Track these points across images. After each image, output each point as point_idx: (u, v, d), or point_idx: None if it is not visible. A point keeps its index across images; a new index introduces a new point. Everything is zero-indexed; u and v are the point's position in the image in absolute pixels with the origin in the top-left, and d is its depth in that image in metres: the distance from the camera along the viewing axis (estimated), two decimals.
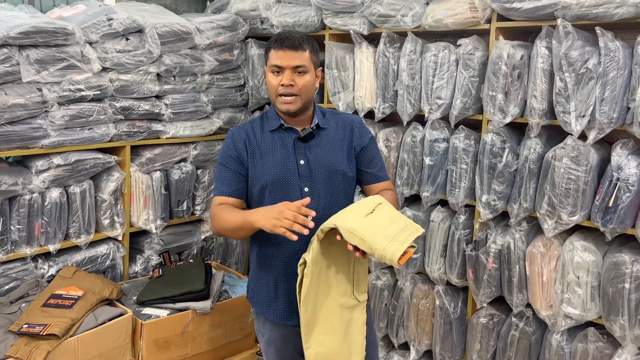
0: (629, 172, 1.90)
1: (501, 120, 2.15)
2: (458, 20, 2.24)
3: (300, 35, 1.68)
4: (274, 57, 1.65)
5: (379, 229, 1.48)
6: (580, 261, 2.03)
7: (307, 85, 1.66)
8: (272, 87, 1.67)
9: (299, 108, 1.68)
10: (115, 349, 2.19)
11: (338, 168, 1.72)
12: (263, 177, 1.71)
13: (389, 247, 1.44)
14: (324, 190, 1.70)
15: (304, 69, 1.65)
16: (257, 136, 1.75)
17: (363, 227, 1.48)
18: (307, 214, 1.48)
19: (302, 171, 1.70)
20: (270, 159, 1.71)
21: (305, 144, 1.72)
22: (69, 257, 2.46)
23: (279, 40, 1.65)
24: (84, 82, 2.35)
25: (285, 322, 1.75)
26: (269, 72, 1.68)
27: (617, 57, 1.89)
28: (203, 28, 2.75)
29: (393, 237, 1.47)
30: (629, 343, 1.98)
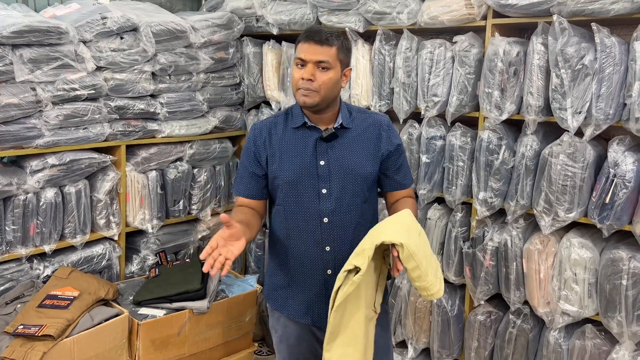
0: (625, 169, 1.90)
1: (497, 117, 2.14)
2: (454, 17, 2.23)
3: (331, 31, 1.63)
4: (299, 49, 1.61)
5: (428, 260, 1.49)
6: (577, 258, 2.03)
7: (328, 82, 1.60)
8: (293, 80, 1.64)
9: (317, 103, 1.62)
10: (111, 349, 2.19)
11: (359, 170, 1.67)
12: (281, 176, 1.67)
13: (436, 284, 1.47)
14: (343, 193, 1.65)
15: (327, 65, 1.59)
16: (279, 133, 1.71)
17: (420, 254, 1.46)
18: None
19: (321, 172, 1.65)
20: (290, 158, 1.67)
21: (328, 143, 1.67)
22: (64, 257, 2.45)
23: (307, 33, 1.62)
24: (78, 81, 2.34)
25: (299, 319, 1.73)
26: (294, 64, 1.65)
27: (613, 53, 1.88)
28: (198, 26, 2.73)
29: (435, 272, 1.49)
30: (626, 339, 1.98)
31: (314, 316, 1.72)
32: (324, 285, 1.70)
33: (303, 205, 1.65)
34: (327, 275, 1.69)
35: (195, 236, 2.94)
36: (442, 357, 2.46)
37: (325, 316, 1.65)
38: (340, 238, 1.67)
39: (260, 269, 3.21)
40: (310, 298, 1.69)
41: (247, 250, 3.27)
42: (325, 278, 1.69)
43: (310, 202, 1.65)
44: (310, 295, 1.70)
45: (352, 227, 1.68)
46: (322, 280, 1.70)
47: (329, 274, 1.69)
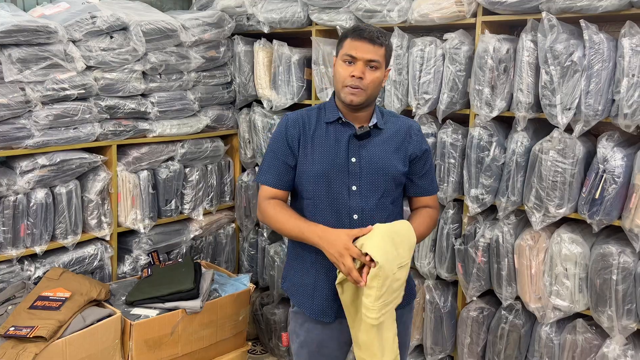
0: (614, 164, 1.92)
1: (488, 114, 2.15)
2: (444, 15, 2.23)
3: (379, 30, 1.62)
4: (349, 46, 1.60)
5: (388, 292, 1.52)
6: (568, 253, 2.05)
7: (375, 81, 1.61)
8: (340, 77, 1.62)
9: (363, 102, 1.63)
10: (104, 350, 2.18)
11: (389, 171, 1.67)
12: (311, 169, 1.67)
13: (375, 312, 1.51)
14: (372, 191, 1.66)
15: (377, 65, 1.59)
16: (312, 126, 1.70)
17: (387, 283, 1.49)
18: (365, 262, 1.49)
19: (352, 169, 1.66)
20: (321, 152, 1.67)
21: (360, 142, 1.67)
22: (55, 258, 2.44)
23: (357, 30, 1.60)
24: (67, 81, 2.32)
25: (322, 318, 1.72)
26: (339, 60, 1.63)
27: (601, 50, 1.90)
28: (189, 25, 2.73)
29: (386, 304, 1.53)
30: (616, 334, 2.00)
31: (337, 313, 1.71)
32: None
33: (333, 200, 1.66)
34: None
35: (187, 236, 2.93)
36: (435, 353, 2.47)
37: None
38: None
39: (253, 267, 3.21)
40: (335, 294, 1.69)
41: (240, 249, 3.26)
42: None
43: (340, 198, 1.65)
44: (332, 294, 1.69)
45: None
46: None
47: None
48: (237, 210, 3.17)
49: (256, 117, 2.95)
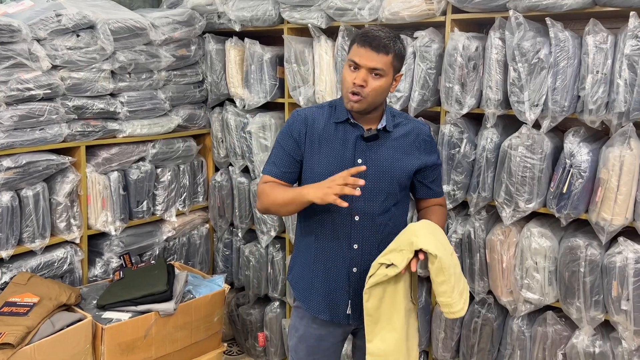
0: (581, 159, 1.96)
1: (458, 111, 2.18)
2: (414, 13, 2.25)
3: (389, 35, 1.58)
4: (354, 52, 1.59)
5: (457, 279, 1.56)
6: (537, 247, 2.08)
7: (378, 89, 1.59)
8: (345, 82, 1.61)
9: (363, 109, 1.62)
10: (75, 355, 2.13)
11: (394, 174, 1.67)
12: (317, 168, 1.67)
13: (459, 304, 1.54)
14: (375, 193, 1.66)
15: (381, 73, 1.58)
16: (320, 123, 1.70)
17: (450, 271, 1.52)
18: (355, 183, 1.47)
19: None
20: (328, 151, 1.68)
21: (367, 143, 1.67)
22: (23, 262, 2.38)
23: (364, 36, 1.58)
24: (32, 80, 2.26)
25: (319, 315, 1.74)
26: (346, 65, 1.62)
27: (567, 47, 1.94)
28: (158, 23, 2.69)
29: (461, 292, 1.56)
30: (585, 324, 2.05)
31: (332, 312, 1.73)
32: (348, 282, 1.72)
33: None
34: (352, 273, 1.71)
35: (160, 237, 2.89)
36: None
37: (344, 313, 1.73)
38: (369, 238, 1.69)
39: (228, 268, 3.18)
40: (333, 293, 1.70)
41: (215, 249, 3.23)
42: (350, 275, 1.71)
43: (343, 198, 1.62)
44: (333, 291, 1.70)
45: (382, 228, 1.70)
46: (347, 277, 1.71)
47: (354, 272, 1.71)
48: (211, 211, 3.14)
49: (229, 116, 2.93)
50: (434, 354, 2.47)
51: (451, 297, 1.50)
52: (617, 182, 1.90)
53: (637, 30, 1.82)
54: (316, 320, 1.77)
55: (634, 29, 1.82)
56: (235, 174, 3.00)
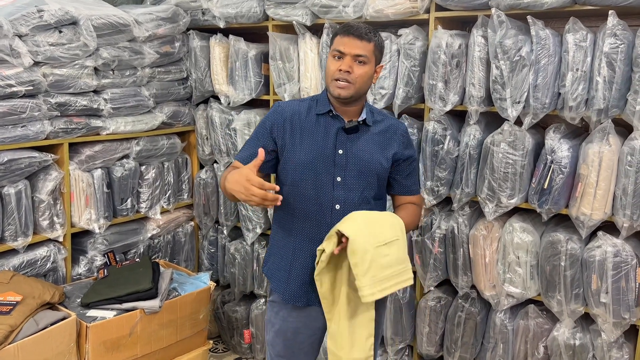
0: (561, 155, 2.00)
1: (442, 108, 2.20)
2: (398, 11, 2.27)
3: (369, 27, 1.67)
4: (338, 42, 1.65)
5: (376, 267, 1.54)
6: (519, 242, 2.12)
7: (363, 76, 1.65)
8: (329, 71, 1.67)
9: (351, 95, 1.66)
10: (59, 354, 2.11)
11: (374, 166, 1.71)
12: (299, 158, 1.71)
13: (366, 289, 1.53)
14: (356, 183, 1.70)
15: (365, 60, 1.64)
16: (302, 115, 1.74)
17: (366, 256, 1.52)
18: (272, 188, 1.48)
19: (338, 160, 1.70)
20: (309, 141, 1.71)
21: (348, 135, 1.71)
22: (5, 261, 2.35)
23: (346, 27, 1.66)
24: (14, 77, 2.23)
25: (297, 302, 1.76)
26: (329, 56, 1.68)
27: (547, 45, 1.97)
28: (142, 20, 2.67)
29: (380, 280, 1.55)
30: (566, 317, 2.09)
31: (308, 297, 1.75)
32: None
33: (318, 190, 1.70)
34: None
35: (144, 235, 2.88)
36: (396, 343, 2.52)
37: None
38: None
39: (213, 265, 3.18)
40: (311, 279, 1.71)
41: (200, 247, 3.23)
42: None
43: (324, 187, 1.70)
44: (312, 277, 1.72)
45: None
46: None
47: None
48: (196, 208, 3.13)
49: (214, 113, 2.92)
50: (418, 348, 2.50)
51: (360, 281, 1.52)
52: (597, 177, 1.95)
53: (615, 29, 1.86)
54: (292, 313, 1.79)
55: (613, 27, 1.86)
56: (220, 171, 2.99)
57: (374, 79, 1.72)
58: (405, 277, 1.61)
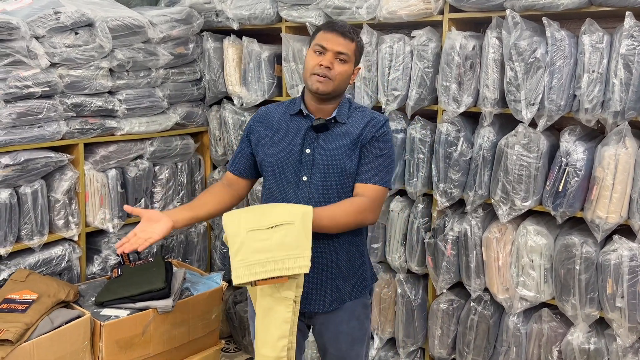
0: (576, 157, 1.98)
1: (455, 110, 2.19)
2: (412, 12, 2.26)
3: (353, 27, 1.68)
4: (320, 37, 1.66)
5: (246, 251, 1.48)
6: (533, 245, 2.10)
7: (343, 74, 1.66)
8: (309, 66, 1.66)
9: (329, 92, 1.66)
10: (73, 352, 2.14)
11: (341, 165, 1.68)
12: (267, 158, 1.74)
13: (235, 270, 1.47)
14: (321, 183, 1.69)
15: (346, 58, 1.65)
16: (276, 117, 1.77)
17: (236, 239, 1.49)
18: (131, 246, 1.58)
19: (305, 159, 1.69)
20: (279, 142, 1.73)
21: (318, 134, 1.70)
22: (21, 260, 2.38)
23: (330, 23, 1.67)
24: (31, 78, 2.26)
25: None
26: (310, 51, 1.67)
27: (563, 47, 1.95)
28: (156, 21, 2.69)
29: (251, 264, 1.47)
30: (580, 322, 2.07)
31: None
32: None
33: (283, 189, 1.70)
34: None
35: None
36: (407, 346, 2.51)
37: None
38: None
39: (225, 265, 3.19)
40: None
41: (212, 247, 3.24)
42: None
43: (289, 187, 1.70)
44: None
45: None
46: None
47: None
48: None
49: (227, 114, 2.94)
50: (430, 350, 2.48)
51: (232, 263, 1.49)
52: (613, 180, 1.92)
53: (632, 30, 1.84)
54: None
55: (630, 28, 1.84)
56: None
57: (351, 79, 1.72)
58: (293, 265, 1.48)
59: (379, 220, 2.47)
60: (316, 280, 1.70)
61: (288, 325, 1.59)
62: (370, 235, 2.50)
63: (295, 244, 1.49)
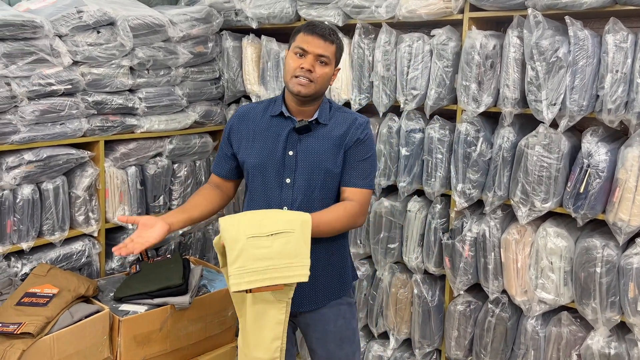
0: (598, 159, 1.94)
1: (475, 109, 2.17)
2: (431, 11, 2.25)
3: (332, 29, 1.69)
4: (301, 40, 1.65)
5: (246, 258, 1.47)
6: (553, 247, 2.07)
7: (324, 76, 1.66)
8: (289, 68, 1.66)
9: (311, 94, 1.66)
10: (92, 346, 2.17)
11: (324, 166, 1.69)
12: (248, 160, 1.74)
13: (232, 278, 1.47)
14: (305, 185, 1.69)
15: (327, 60, 1.65)
16: (257, 118, 1.77)
17: (235, 245, 1.47)
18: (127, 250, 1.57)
19: (287, 162, 1.70)
20: (259, 144, 1.73)
21: (300, 136, 1.71)
22: (43, 254, 2.42)
23: (311, 25, 1.66)
24: (54, 76, 2.30)
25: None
26: (291, 53, 1.67)
27: (586, 46, 1.92)
28: (176, 20, 2.71)
29: (250, 272, 1.47)
30: (600, 326, 2.03)
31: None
32: None
33: (266, 192, 1.71)
34: None
35: (176, 232, 2.92)
36: (423, 347, 2.50)
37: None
38: None
39: None
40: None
41: None
42: None
43: (272, 190, 1.70)
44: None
45: None
46: None
47: None
48: (226, 207, 3.16)
49: None
50: (446, 352, 2.47)
51: (229, 269, 1.47)
52: (636, 182, 1.89)
53: None
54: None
55: None
56: None
57: (331, 80, 1.72)
58: (293, 273, 1.49)
59: (395, 220, 2.46)
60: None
61: (281, 327, 1.62)
62: (387, 235, 2.49)
63: (295, 253, 1.50)
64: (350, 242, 2.64)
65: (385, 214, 2.47)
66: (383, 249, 2.52)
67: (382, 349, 2.63)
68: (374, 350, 2.65)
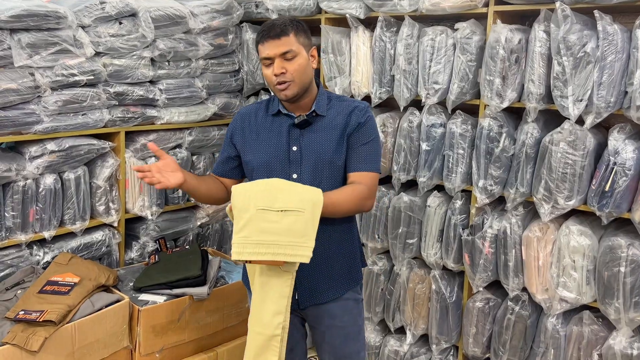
0: (625, 157, 1.91)
1: (498, 105, 2.14)
2: (455, 4, 2.22)
3: (282, 21, 1.66)
4: (261, 50, 1.67)
5: (252, 229, 1.48)
6: (576, 245, 2.04)
7: (299, 69, 1.65)
8: (268, 80, 1.69)
9: (296, 93, 1.67)
10: (112, 335, 2.19)
11: (329, 157, 1.70)
12: (254, 160, 1.75)
13: (236, 246, 1.48)
14: (312, 179, 1.69)
15: (293, 54, 1.64)
16: (258, 118, 1.79)
17: (244, 215, 1.48)
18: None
19: (292, 157, 1.70)
20: (263, 143, 1.74)
21: (301, 130, 1.72)
22: (64, 243, 2.45)
23: (261, 33, 1.66)
24: (77, 66, 2.32)
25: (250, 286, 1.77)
26: (263, 66, 1.69)
27: (615, 41, 1.88)
28: (197, 12, 2.71)
29: (254, 243, 1.48)
30: (623, 326, 2.00)
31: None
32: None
33: None
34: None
35: (194, 223, 2.94)
36: (440, 343, 2.49)
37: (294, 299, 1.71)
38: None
39: None
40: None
41: None
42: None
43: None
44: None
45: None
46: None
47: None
48: None
49: None
50: (464, 348, 2.45)
51: (233, 238, 1.48)
52: None
53: None
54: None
55: None
56: None
57: (313, 63, 1.70)
58: (295, 252, 1.48)
59: (415, 215, 2.44)
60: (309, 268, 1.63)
61: (285, 301, 1.59)
62: (405, 230, 2.48)
63: (302, 233, 1.50)
64: (367, 237, 2.63)
65: (405, 209, 2.46)
66: (401, 244, 2.51)
67: (399, 344, 2.63)
68: (390, 345, 2.64)
